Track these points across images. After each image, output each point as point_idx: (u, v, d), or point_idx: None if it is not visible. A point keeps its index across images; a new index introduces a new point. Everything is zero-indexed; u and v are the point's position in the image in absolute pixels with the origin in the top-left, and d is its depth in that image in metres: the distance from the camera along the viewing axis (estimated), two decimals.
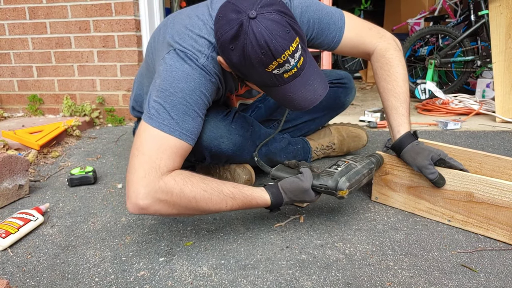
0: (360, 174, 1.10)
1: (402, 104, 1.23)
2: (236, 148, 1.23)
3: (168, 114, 1.00)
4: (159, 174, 0.95)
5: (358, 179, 1.09)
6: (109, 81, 2.54)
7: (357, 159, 1.15)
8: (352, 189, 1.08)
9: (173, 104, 1.01)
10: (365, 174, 1.12)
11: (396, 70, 1.26)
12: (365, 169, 1.13)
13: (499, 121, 2.38)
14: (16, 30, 2.52)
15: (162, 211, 0.97)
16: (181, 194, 0.96)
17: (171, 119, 1.00)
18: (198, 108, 1.05)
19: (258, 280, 0.91)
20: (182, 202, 0.96)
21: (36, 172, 1.66)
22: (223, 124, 1.20)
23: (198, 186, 0.98)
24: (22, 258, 1.03)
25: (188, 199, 0.96)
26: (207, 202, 0.98)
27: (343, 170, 1.10)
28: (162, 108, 1.01)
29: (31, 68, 2.59)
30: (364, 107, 3.00)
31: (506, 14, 2.61)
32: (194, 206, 0.98)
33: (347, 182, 1.06)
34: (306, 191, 1.06)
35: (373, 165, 1.16)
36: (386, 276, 0.92)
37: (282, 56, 0.92)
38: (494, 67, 2.56)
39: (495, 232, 1.05)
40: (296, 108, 1.05)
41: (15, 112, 2.71)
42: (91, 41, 2.47)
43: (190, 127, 1.03)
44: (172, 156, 0.99)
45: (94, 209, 1.31)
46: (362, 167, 1.12)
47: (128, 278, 0.94)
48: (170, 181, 0.95)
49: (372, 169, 1.16)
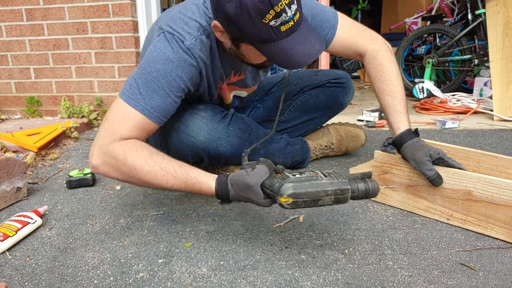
0: (319, 189, 0.91)
1: (399, 102, 1.25)
2: (235, 150, 1.23)
3: (138, 89, 1.06)
4: (111, 139, 1.02)
5: (312, 192, 0.91)
6: (107, 83, 2.54)
7: (332, 175, 0.96)
8: (300, 202, 0.91)
9: (145, 82, 1.06)
10: (328, 192, 0.92)
11: (389, 70, 1.29)
12: (331, 187, 0.92)
13: (497, 120, 2.39)
14: (13, 32, 2.51)
15: (110, 174, 1.04)
16: (124, 161, 1.00)
17: (139, 95, 1.05)
18: (170, 89, 1.08)
19: (257, 281, 0.91)
20: (124, 169, 1.01)
21: (34, 174, 1.66)
22: (221, 126, 1.20)
23: (141, 157, 1.00)
24: (21, 261, 1.03)
25: (129, 167, 1.00)
26: (146, 175, 1.00)
27: (301, 178, 0.93)
28: (135, 84, 1.07)
29: (28, 70, 2.59)
30: (362, 106, 3.00)
31: (503, 13, 2.61)
32: (135, 175, 1.00)
33: (291, 190, 0.89)
34: (250, 188, 0.93)
35: (347, 187, 0.93)
36: (385, 275, 0.92)
37: (279, 4, 0.91)
38: (491, 66, 2.56)
39: (494, 231, 1.05)
40: (294, 64, 1.02)
41: (13, 114, 2.70)
42: (89, 42, 2.47)
43: (155, 104, 1.06)
44: (130, 127, 1.05)
45: (92, 211, 1.30)
46: (329, 183, 0.93)
47: (127, 280, 0.93)
48: (117, 147, 1.01)
49: (345, 191, 0.93)
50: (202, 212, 1.26)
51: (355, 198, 0.96)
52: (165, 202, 1.35)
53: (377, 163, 1.25)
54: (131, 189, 1.47)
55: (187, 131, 1.20)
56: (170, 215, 1.26)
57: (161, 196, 1.40)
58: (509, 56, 2.54)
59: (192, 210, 1.28)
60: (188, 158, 1.27)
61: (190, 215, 1.25)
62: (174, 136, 1.24)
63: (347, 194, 0.94)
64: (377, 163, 1.25)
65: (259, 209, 1.27)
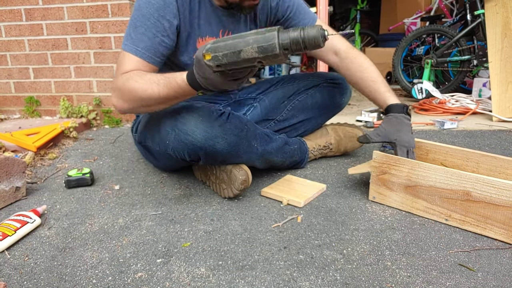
0: (240, 40, 0.89)
1: (381, 85, 1.41)
2: (231, 148, 1.23)
3: (130, 36, 1.23)
4: (116, 79, 1.22)
5: (231, 44, 0.89)
6: (106, 83, 2.54)
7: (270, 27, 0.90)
8: (221, 56, 0.91)
9: (134, 27, 1.23)
10: (249, 41, 0.88)
11: (366, 61, 1.45)
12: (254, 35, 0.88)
13: (496, 120, 2.39)
14: (12, 32, 2.51)
15: (123, 106, 1.23)
16: (123, 88, 1.18)
17: (131, 39, 1.23)
18: (156, 29, 1.23)
19: (256, 281, 0.91)
20: (125, 95, 1.19)
21: (33, 174, 1.66)
22: (217, 124, 1.20)
23: (134, 80, 1.16)
24: (20, 260, 1.03)
25: (128, 90, 1.17)
26: (140, 92, 1.15)
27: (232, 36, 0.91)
28: (128, 32, 1.24)
29: (27, 69, 2.59)
30: (361, 107, 3.00)
31: (502, 13, 2.62)
32: (135, 96, 1.17)
33: (209, 44, 0.92)
34: (198, 60, 0.99)
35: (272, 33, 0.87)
36: (384, 276, 0.92)
37: None
38: (490, 67, 2.57)
39: (493, 231, 1.06)
40: None
41: (12, 114, 2.70)
42: (88, 42, 2.47)
43: (145, 45, 1.22)
44: (132, 65, 1.21)
45: (91, 211, 1.30)
46: (253, 32, 0.89)
47: (126, 280, 0.93)
48: (119, 80, 1.20)
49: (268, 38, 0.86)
50: (200, 212, 1.26)
51: (289, 49, 0.89)
52: (164, 202, 1.35)
53: (375, 163, 1.25)
54: (129, 189, 1.47)
55: (184, 129, 1.21)
56: (168, 215, 1.25)
57: (160, 196, 1.40)
58: (508, 56, 2.54)
59: (190, 210, 1.28)
60: (185, 157, 1.27)
61: (188, 215, 1.25)
62: (171, 136, 1.25)
63: (272, 41, 0.86)
64: (376, 163, 1.25)
65: (257, 209, 1.27)
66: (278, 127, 1.63)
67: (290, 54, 0.91)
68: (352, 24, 5.24)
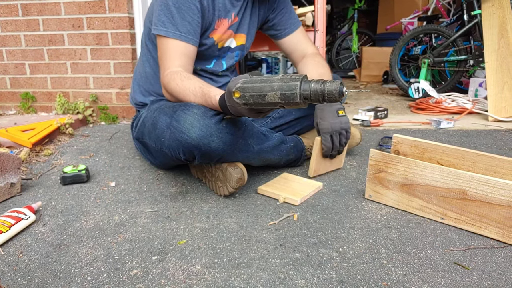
0: (266, 84, 0.96)
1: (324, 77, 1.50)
2: (227, 147, 1.23)
3: (170, 22, 1.33)
4: (163, 74, 1.36)
5: (258, 87, 0.97)
6: (102, 79, 2.53)
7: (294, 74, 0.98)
8: (248, 96, 0.99)
9: (170, 13, 1.33)
10: (274, 87, 0.95)
11: (321, 62, 1.59)
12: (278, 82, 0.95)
13: (492, 120, 2.40)
14: (8, 27, 2.49)
15: (169, 98, 1.41)
16: (168, 88, 1.34)
17: (171, 25, 1.33)
18: (193, 12, 1.34)
19: (251, 279, 0.91)
20: (169, 92, 1.35)
21: (28, 170, 1.65)
22: (212, 122, 1.19)
23: (175, 82, 1.30)
24: (14, 257, 1.02)
25: (171, 91, 1.33)
26: (178, 95, 1.30)
27: (260, 77, 1.00)
28: (166, 19, 1.33)
29: (23, 65, 2.57)
30: (357, 105, 3.00)
31: (498, 14, 2.62)
32: (176, 96, 1.32)
33: (239, 84, 1.00)
34: (229, 93, 1.06)
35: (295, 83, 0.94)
36: (379, 274, 0.92)
37: None
38: (486, 67, 2.58)
39: (488, 230, 1.06)
40: None
41: (7, 110, 2.68)
42: (85, 38, 2.45)
43: (187, 29, 1.34)
44: (176, 57, 1.34)
45: (86, 208, 1.30)
46: (278, 79, 0.96)
47: (121, 277, 0.93)
48: (164, 79, 1.35)
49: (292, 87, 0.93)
50: (196, 210, 1.26)
51: (309, 99, 0.95)
52: (160, 199, 1.34)
53: (372, 161, 1.25)
54: (125, 186, 1.47)
55: (179, 127, 1.20)
56: (164, 212, 1.25)
57: (156, 193, 1.40)
58: (505, 57, 2.55)
59: (186, 208, 1.28)
60: (180, 155, 1.26)
61: (184, 213, 1.24)
62: (167, 134, 1.24)
63: (294, 90, 0.94)
64: (372, 161, 1.25)
65: (254, 207, 1.27)
66: (274, 124, 1.63)
67: (308, 103, 0.98)
68: (350, 23, 5.25)
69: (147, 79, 1.59)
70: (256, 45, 2.23)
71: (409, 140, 1.37)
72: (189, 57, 1.38)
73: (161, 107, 1.33)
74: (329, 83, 0.93)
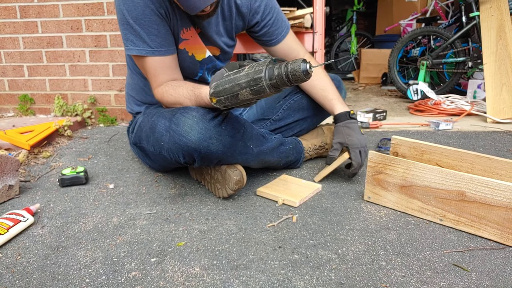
0: (233, 84, 0.96)
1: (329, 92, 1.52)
2: (226, 149, 1.23)
3: (138, 40, 1.28)
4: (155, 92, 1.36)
5: (228, 88, 0.97)
6: (101, 81, 2.53)
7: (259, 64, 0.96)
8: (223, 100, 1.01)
9: (134, 30, 1.27)
10: (242, 85, 0.94)
11: (319, 72, 1.52)
12: (244, 79, 0.94)
13: (490, 122, 2.40)
14: (6, 29, 2.49)
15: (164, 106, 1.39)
16: (164, 102, 1.36)
17: (142, 43, 1.28)
18: (156, 23, 1.27)
19: (250, 281, 0.91)
20: (166, 105, 1.36)
21: (27, 172, 1.65)
22: (212, 125, 1.19)
23: (168, 93, 1.31)
24: (12, 259, 1.02)
25: (168, 103, 1.34)
26: (174, 104, 1.31)
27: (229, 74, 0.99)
28: (134, 37, 1.28)
29: (22, 67, 2.57)
30: (356, 107, 3.01)
31: (496, 16, 2.63)
32: (174, 106, 1.31)
33: (212, 90, 1.02)
34: None
35: (259, 75, 0.92)
36: (378, 275, 0.92)
37: None
38: (485, 68, 2.58)
39: (487, 231, 1.06)
40: (191, 6, 1.16)
41: (6, 112, 2.68)
42: (83, 40, 2.45)
43: (158, 42, 1.29)
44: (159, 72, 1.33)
45: (85, 210, 1.30)
46: (243, 75, 0.95)
47: (120, 279, 0.93)
48: (157, 95, 1.36)
49: (258, 80, 0.92)
50: (195, 212, 1.26)
51: (277, 86, 0.95)
52: (159, 201, 1.34)
53: (371, 163, 1.25)
54: (124, 188, 1.47)
55: (178, 131, 1.20)
56: (163, 214, 1.25)
57: (154, 195, 1.39)
58: (503, 58, 2.55)
59: (185, 209, 1.27)
60: (179, 159, 1.26)
61: (183, 214, 1.24)
62: (166, 138, 1.23)
63: (261, 83, 0.93)
64: (371, 163, 1.25)
65: (253, 208, 1.27)
66: (274, 126, 1.63)
67: (280, 89, 0.97)
68: (349, 25, 5.25)
69: (138, 92, 1.56)
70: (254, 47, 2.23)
71: (408, 141, 1.37)
72: (171, 67, 1.35)
73: (160, 111, 1.33)
74: (291, 64, 0.91)
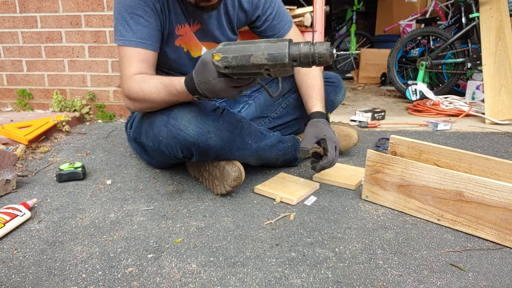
0: (251, 45, 0.92)
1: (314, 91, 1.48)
2: (225, 144, 1.23)
3: (125, 29, 1.24)
4: (122, 86, 1.27)
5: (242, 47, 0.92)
6: (100, 77, 2.52)
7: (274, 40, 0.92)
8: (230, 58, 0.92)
9: (124, 20, 1.24)
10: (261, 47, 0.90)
11: (314, 70, 1.51)
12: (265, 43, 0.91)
13: (489, 123, 2.41)
14: (5, 24, 2.48)
15: (133, 109, 1.32)
16: (130, 97, 1.25)
17: (127, 32, 1.24)
18: (148, 16, 1.25)
19: (247, 278, 0.91)
20: (133, 101, 1.26)
21: (24, 167, 1.64)
22: (210, 119, 1.19)
23: (135, 90, 1.22)
24: (8, 254, 1.02)
25: (134, 98, 1.24)
26: (149, 96, 1.21)
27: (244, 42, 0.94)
28: (122, 27, 1.25)
29: (20, 62, 2.56)
30: (355, 107, 3.01)
31: (496, 17, 2.63)
32: (141, 102, 1.24)
33: (221, 45, 0.94)
34: (205, 64, 1.02)
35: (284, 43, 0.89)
36: (375, 274, 0.92)
37: None
38: (484, 69, 2.58)
39: (484, 232, 1.06)
40: None
41: (4, 107, 2.67)
42: (82, 36, 2.45)
43: (143, 35, 1.25)
44: (135, 64, 1.25)
45: (82, 205, 1.29)
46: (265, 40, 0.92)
47: (116, 275, 0.92)
48: (124, 91, 1.26)
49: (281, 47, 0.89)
50: (193, 208, 1.26)
51: (297, 61, 0.91)
52: (156, 198, 1.34)
53: (369, 162, 1.25)
54: (121, 184, 1.46)
55: (177, 125, 1.20)
56: (160, 210, 1.25)
57: (152, 191, 1.39)
58: (502, 60, 2.56)
59: (183, 206, 1.27)
60: (178, 153, 1.26)
61: (181, 211, 1.24)
62: (164, 131, 1.24)
63: (283, 50, 0.89)
64: (370, 162, 1.25)
65: (250, 206, 1.27)
66: (273, 124, 1.63)
67: (297, 66, 0.93)
68: (348, 24, 5.25)
69: None
70: None
71: (406, 141, 1.37)
72: (149, 63, 1.28)
73: None
74: (318, 45, 0.90)
